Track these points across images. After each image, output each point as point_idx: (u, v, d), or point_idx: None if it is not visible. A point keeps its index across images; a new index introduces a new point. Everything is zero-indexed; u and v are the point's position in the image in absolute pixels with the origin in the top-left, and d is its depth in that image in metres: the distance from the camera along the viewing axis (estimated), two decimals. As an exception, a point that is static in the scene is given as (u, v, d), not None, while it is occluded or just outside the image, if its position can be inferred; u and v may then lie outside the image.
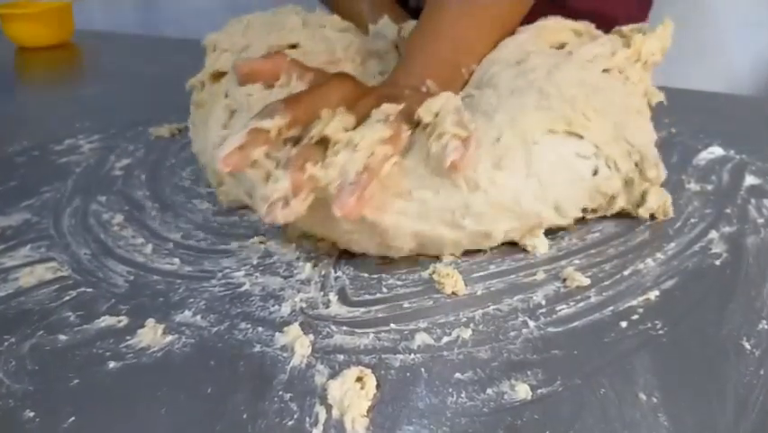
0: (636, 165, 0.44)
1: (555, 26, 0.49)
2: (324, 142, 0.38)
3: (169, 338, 0.35)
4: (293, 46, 0.55)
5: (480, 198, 0.39)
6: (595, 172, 0.43)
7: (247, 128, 0.37)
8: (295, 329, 0.35)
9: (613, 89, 0.46)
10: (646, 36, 0.49)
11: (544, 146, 0.41)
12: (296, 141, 0.39)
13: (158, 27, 1.56)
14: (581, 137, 0.42)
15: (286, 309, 0.37)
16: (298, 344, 0.34)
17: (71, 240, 0.45)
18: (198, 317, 0.37)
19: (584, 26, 0.52)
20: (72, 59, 1.05)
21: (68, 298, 0.39)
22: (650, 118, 0.49)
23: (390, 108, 0.40)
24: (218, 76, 0.53)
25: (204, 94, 0.54)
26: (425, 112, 0.40)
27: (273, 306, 0.38)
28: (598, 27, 0.53)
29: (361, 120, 0.39)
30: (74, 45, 1.10)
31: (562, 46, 0.50)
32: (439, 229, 0.39)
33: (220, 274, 0.41)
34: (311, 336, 0.35)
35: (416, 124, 0.41)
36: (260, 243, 0.44)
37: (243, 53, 0.55)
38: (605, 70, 0.47)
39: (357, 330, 0.36)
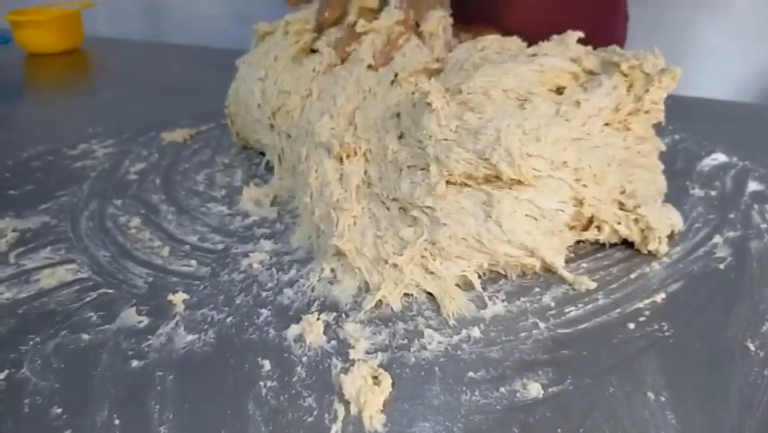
0: (642, 231, 0.43)
1: (554, 70, 0.46)
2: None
3: (190, 337, 0.36)
4: None
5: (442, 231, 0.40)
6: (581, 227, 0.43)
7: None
8: (313, 326, 0.36)
9: (614, 147, 0.44)
10: (653, 86, 0.44)
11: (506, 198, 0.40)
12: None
13: (163, 34, 1.57)
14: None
15: (304, 307, 0.38)
16: (316, 340, 0.35)
17: (89, 243, 0.46)
18: (217, 317, 0.38)
19: (580, 68, 0.47)
20: (82, 66, 1.06)
21: (89, 299, 0.40)
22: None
23: None
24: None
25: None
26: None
27: (291, 303, 0.39)
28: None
29: None
30: (83, 51, 1.11)
31: (560, 90, 0.46)
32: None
33: (237, 275, 0.42)
34: (329, 333, 0.36)
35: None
36: (276, 244, 0.45)
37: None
38: (606, 124, 0.45)
39: (372, 328, 0.37)
